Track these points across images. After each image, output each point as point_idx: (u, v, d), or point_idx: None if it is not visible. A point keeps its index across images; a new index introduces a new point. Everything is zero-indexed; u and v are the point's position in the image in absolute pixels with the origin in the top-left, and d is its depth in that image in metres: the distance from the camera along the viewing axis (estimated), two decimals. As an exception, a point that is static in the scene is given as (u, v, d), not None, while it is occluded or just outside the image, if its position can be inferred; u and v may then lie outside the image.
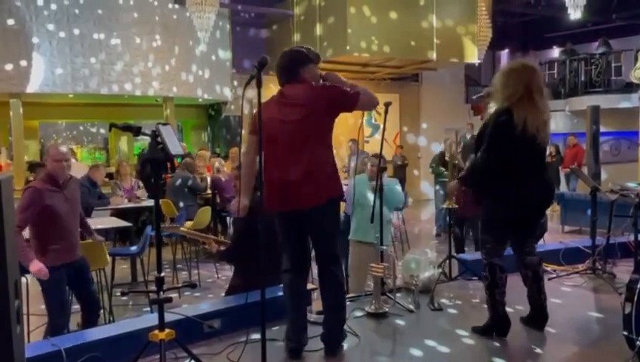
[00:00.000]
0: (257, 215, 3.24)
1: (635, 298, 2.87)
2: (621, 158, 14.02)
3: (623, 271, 4.65)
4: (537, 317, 3.55)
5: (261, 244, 2.66)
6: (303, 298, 3.36)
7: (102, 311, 4.23)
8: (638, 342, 2.81)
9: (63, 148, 3.91)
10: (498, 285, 3.37)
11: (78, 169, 7.80)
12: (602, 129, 10.43)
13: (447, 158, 8.48)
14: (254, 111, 3.13)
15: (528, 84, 3.24)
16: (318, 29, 11.26)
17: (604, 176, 10.87)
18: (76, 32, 8.92)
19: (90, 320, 3.95)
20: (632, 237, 4.92)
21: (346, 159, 10.77)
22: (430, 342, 3.42)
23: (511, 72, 3.33)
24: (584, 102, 12.67)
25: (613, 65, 13.95)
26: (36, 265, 3.59)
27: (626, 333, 2.92)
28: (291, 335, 3.23)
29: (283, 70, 3.25)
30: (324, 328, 3.26)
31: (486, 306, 3.48)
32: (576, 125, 13.98)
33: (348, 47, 10.57)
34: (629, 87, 13.05)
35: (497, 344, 3.36)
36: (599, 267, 4.88)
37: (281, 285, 3.93)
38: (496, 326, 3.43)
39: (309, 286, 4.16)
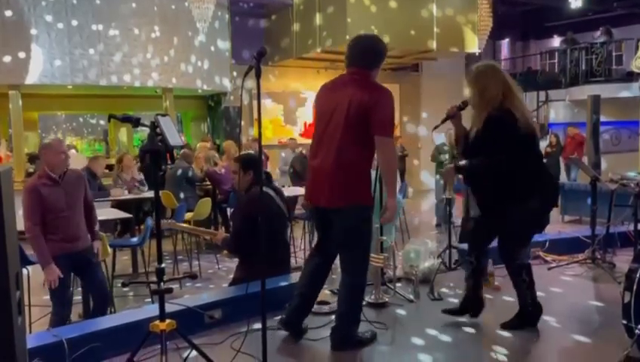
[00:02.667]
0: (258, 208, 3.24)
1: (635, 287, 2.87)
2: (621, 148, 14.01)
3: (623, 260, 4.66)
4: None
5: (262, 237, 2.65)
6: (313, 279, 3.31)
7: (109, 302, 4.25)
8: (637, 331, 2.82)
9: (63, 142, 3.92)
10: (534, 282, 3.42)
11: (78, 161, 7.80)
12: (602, 118, 10.41)
13: (446, 148, 8.52)
14: (254, 102, 3.13)
15: (505, 82, 3.28)
16: (318, 19, 11.20)
17: (604, 165, 10.86)
18: (74, 23, 8.88)
19: (98, 311, 3.95)
20: (631, 227, 4.92)
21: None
22: (431, 331, 3.43)
23: (482, 74, 3.32)
24: (585, 91, 12.63)
25: (614, 54, 13.89)
26: (53, 272, 3.62)
27: (625, 322, 2.93)
28: (288, 308, 3.27)
29: (364, 56, 3.13)
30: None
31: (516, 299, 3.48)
32: (576, 115, 13.95)
33: (347, 37, 10.51)
34: (629, 77, 13.02)
35: (498, 332, 3.38)
36: (599, 256, 4.88)
37: (283, 276, 3.96)
38: (531, 316, 3.45)
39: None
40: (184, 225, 4.56)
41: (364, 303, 3.86)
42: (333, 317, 3.40)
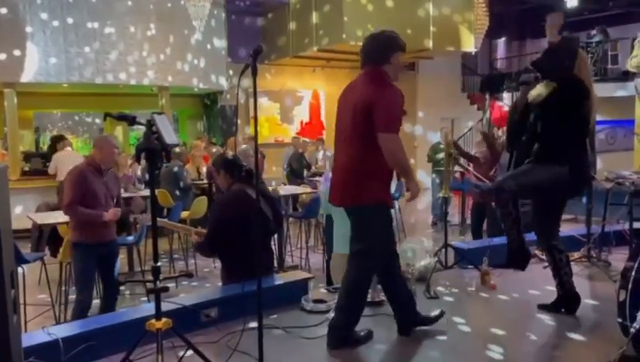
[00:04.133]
0: (235, 209, 3.22)
1: (630, 285, 2.88)
2: (617, 147, 14.04)
3: (618, 259, 4.67)
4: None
5: (254, 238, 2.63)
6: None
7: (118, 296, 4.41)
8: (632, 329, 2.83)
9: None
10: (561, 266, 3.49)
11: (74, 159, 7.77)
12: (598, 117, 10.41)
13: (442, 146, 8.53)
14: (250, 100, 3.15)
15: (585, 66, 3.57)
16: (314, 18, 11.19)
17: (599, 164, 10.89)
18: (70, 20, 8.85)
19: (108, 304, 4.17)
20: (627, 226, 4.94)
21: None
22: (427, 330, 3.43)
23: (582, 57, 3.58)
24: (580, 90, 12.64)
25: (609, 53, 13.92)
26: (110, 214, 4.01)
27: (620, 320, 2.94)
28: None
29: (370, 53, 3.19)
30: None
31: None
32: (572, 114, 13.96)
33: (344, 36, 10.52)
34: (625, 76, 13.04)
35: (493, 331, 3.39)
36: (594, 255, 4.90)
37: (272, 278, 3.95)
38: (565, 303, 3.56)
39: (305, 274, 4.18)
40: (164, 220, 4.51)
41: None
42: (328, 315, 3.41)
